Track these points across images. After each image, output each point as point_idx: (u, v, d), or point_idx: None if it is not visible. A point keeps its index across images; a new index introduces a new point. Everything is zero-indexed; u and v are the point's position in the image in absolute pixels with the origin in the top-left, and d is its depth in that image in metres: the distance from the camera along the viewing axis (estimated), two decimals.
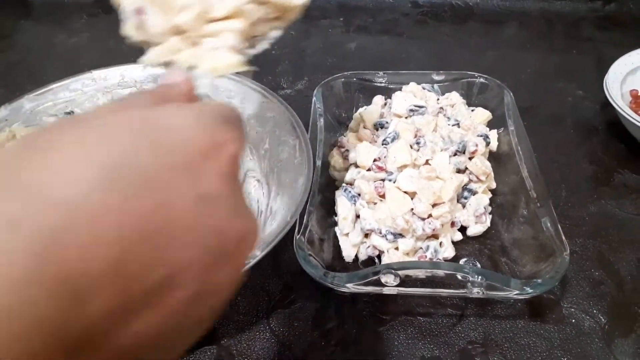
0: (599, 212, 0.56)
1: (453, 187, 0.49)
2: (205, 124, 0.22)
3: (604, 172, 0.61)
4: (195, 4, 0.32)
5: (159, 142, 0.20)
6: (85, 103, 0.63)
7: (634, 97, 0.63)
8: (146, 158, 0.19)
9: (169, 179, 0.19)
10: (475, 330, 0.46)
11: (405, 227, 0.47)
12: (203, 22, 0.33)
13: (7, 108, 0.59)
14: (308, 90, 0.73)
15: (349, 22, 0.88)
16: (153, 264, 0.18)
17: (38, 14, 0.94)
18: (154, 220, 0.18)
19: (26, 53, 0.85)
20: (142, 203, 0.18)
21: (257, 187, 0.56)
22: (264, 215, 0.51)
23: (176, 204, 0.19)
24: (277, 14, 0.37)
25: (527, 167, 0.51)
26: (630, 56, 0.66)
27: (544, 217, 0.46)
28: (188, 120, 0.22)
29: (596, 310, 0.47)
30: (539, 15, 0.88)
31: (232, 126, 0.23)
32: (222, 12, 0.33)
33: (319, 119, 0.57)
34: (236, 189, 0.23)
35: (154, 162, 0.19)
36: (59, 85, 0.62)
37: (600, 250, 0.52)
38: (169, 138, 0.20)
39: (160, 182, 0.19)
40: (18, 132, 0.57)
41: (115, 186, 0.18)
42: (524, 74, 0.76)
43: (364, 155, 0.52)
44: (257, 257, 0.41)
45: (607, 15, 0.88)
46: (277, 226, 0.46)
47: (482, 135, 0.55)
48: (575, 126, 0.67)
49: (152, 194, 0.19)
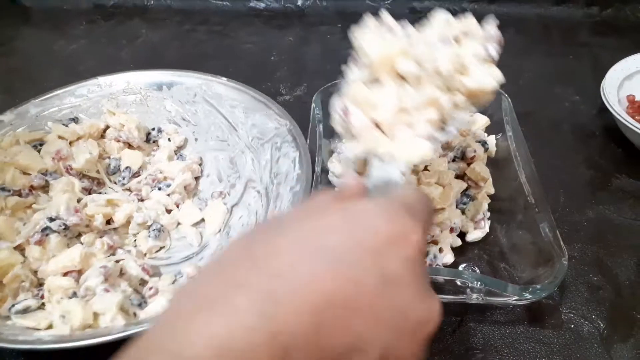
0: (597, 217, 0.56)
1: (453, 193, 0.49)
2: (392, 215, 0.25)
3: (602, 177, 0.61)
4: (394, 100, 0.35)
5: (354, 229, 0.24)
6: (90, 109, 0.63)
7: (630, 103, 0.64)
8: (344, 242, 0.24)
9: (359, 259, 0.23)
10: (474, 336, 0.46)
11: None
12: (400, 115, 0.36)
13: (13, 112, 0.60)
14: (307, 96, 0.73)
15: (347, 28, 0.88)
16: (342, 332, 0.22)
17: (37, 21, 0.94)
18: (346, 293, 0.22)
19: (26, 59, 0.85)
20: (338, 276, 0.22)
21: (257, 198, 0.56)
22: None
23: (364, 282, 0.23)
24: (469, 100, 0.38)
25: (526, 173, 0.51)
26: (627, 61, 0.66)
27: (543, 223, 0.47)
28: (378, 212, 0.25)
29: (595, 315, 0.48)
30: (535, 21, 0.89)
31: (418, 216, 0.26)
32: (418, 105, 0.35)
33: (318, 125, 0.57)
34: (419, 274, 0.25)
35: (351, 245, 0.24)
36: (64, 91, 0.63)
37: (599, 255, 0.53)
38: (362, 226, 0.25)
39: (352, 261, 0.23)
40: (22, 137, 0.57)
41: (321, 260, 0.23)
42: (522, 79, 0.76)
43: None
44: None
45: (603, 20, 0.88)
46: None
47: (481, 141, 0.55)
48: (573, 131, 0.68)
49: (345, 271, 0.23)
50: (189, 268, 0.50)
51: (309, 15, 0.92)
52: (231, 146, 0.61)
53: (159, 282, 0.49)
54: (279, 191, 0.52)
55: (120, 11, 0.93)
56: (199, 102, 0.63)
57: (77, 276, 0.46)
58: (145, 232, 0.53)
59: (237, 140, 0.61)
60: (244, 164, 0.59)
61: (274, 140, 0.56)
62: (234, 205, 0.57)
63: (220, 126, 0.62)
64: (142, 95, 0.64)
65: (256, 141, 0.59)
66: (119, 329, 0.39)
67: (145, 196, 0.57)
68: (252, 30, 0.89)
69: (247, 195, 0.57)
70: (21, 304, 0.44)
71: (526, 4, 0.90)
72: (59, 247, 0.48)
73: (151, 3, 0.95)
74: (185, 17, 0.92)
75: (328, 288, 0.22)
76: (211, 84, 0.63)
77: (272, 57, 0.82)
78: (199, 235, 0.55)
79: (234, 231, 0.54)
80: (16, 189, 0.52)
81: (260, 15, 0.92)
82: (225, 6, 0.94)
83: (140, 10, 0.94)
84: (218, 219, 0.55)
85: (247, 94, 0.61)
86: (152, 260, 0.52)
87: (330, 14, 0.92)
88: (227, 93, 0.62)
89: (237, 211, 0.56)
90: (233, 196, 0.58)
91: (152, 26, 0.90)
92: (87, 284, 0.44)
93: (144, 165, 0.60)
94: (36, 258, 0.47)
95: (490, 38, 0.39)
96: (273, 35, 0.88)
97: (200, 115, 0.63)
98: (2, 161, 0.53)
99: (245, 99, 0.61)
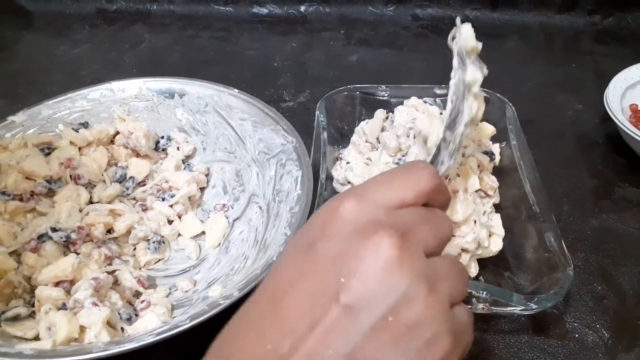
0: (601, 226, 0.56)
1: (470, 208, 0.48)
2: (452, 332, 0.26)
3: (605, 185, 0.61)
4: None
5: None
6: (101, 114, 0.63)
7: (633, 112, 0.64)
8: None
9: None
10: (478, 345, 0.46)
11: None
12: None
13: (25, 113, 0.60)
14: (310, 102, 0.73)
15: (350, 34, 0.89)
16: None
17: (40, 25, 0.94)
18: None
19: (28, 64, 0.85)
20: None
21: (259, 214, 0.55)
22: (258, 246, 0.51)
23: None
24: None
25: (530, 182, 0.51)
26: (630, 71, 0.66)
27: (548, 232, 0.47)
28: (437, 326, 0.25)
29: (599, 325, 0.48)
30: (538, 29, 0.89)
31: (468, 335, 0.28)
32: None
33: (323, 132, 0.57)
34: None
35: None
36: (77, 94, 0.63)
37: (603, 264, 0.53)
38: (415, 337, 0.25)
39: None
40: (30, 139, 0.57)
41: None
42: (525, 87, 0.76)
43: (358, 177, 0.52)
44: (236, 296, 0.41)
45: (605, 29, 0.88)
46: (265, 262, 0.45)
47: (488, 152, 0.55)
48: (576, 140, 0.68)
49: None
50: (184, 282, 0.50)
51: (311, 21, 0.93)
52: (238, 159, 0.61)
53: (153, 295, 0.48)
54: (279, 210, 0.52)
55: (123, 16, 0.94)
56: (210, 112, 0.63)
57: (68, 287, 0.46)
58: (144, 243, 0.53)
59: (244, 154, 0.60)
60: (249, 178, 0.58)
61: (279, 157, 0.56)
62: (236, 219, 0.56)
63: (229, 138, 0.62)
64: (153, 102, 0.64)
65: (262, 156, 0.58)
66: (100, 347, 0.38)
67: (149, 206, 0.57)
68: (255, 36, 0.89)
69: (250, 210, 0.56)
70: (11, 312, 0.43)
71: (529, 12, 0.90)
72: (55, 255, 0.48)
73: (154, 8, 0.95)
74: (188, 23, 0.93)
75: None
76: (222, 94, 0.62)
77: (275, 63, 0.82)
78: (198, 248, 0.54)
79: (233, 246, 0.54)
80: (17, 193, 0.52)
81: (263, 21, 0.93)
82: (228, 12, 0.94)
83: (143, 15, 0.94)
84: (218, 232, 0.55)
85: (257, 107, 0.60)
86: (148, 271, 0.52)
87: (333, 20, 0.92)
88: (237, 105, 0.61)
89: (238, 225, 0.56)
90: (236, 209, 0.57)
91: (154, 31, 0.90)
92: (76, 296, 0.44)
93: (151, 173, 0.60)
94: (30, 265, 0.47)
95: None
96: (276, 41, 0.88)
97: (210, 126, 0.63)
98: (7, 164, 0.53)
99: (255, 113, 0.60)
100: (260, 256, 0.48)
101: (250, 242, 0.52)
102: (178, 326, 0.39)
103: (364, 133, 0.59)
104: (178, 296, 0.49)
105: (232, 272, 0.50)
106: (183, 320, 0.39)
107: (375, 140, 0.58)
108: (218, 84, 0.63)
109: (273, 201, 0.54)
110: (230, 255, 0.53)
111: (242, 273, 0.48)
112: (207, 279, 0.51)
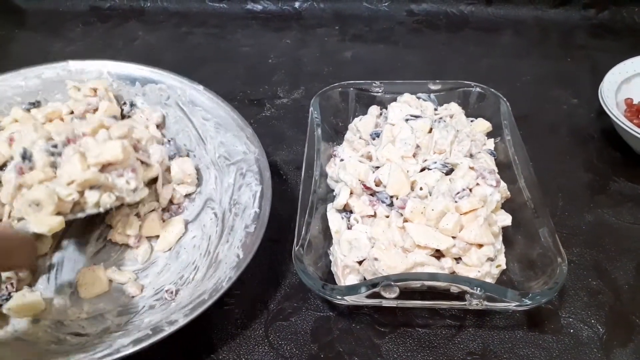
0: (596, 221, 0.56)
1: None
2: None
3: (600, 180, 0.61)
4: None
5: None
6: (56, 95, 0.60)
7: (628, 106, 0.64)
8: None
9: None
10: (474, 341, 0.46)
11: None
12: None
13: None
14: (305, 99, 0.73)
15: (345, 30, 0.89)
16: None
17: (33, 23, 0.93)
18: None
19: (21, 62, 0.84)
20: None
21: (213, 221, 0.53)
22: (210, 258, 0.49)
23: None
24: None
25: (524, 177, 0.51)
26: (625, 65, 0.66)
27: (542, 228, 0.46)
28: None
29: (594, 320, 0.48)
30: (533, 24, 0.89)
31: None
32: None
33: (317, 128, 0.57)
34: None
35: None
36: (30, 71, 0.60)
37: (598, 259, 0.53)
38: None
39: None
40: None
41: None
42: (519, 82, 0.76)
43: (350, 175, 0.51)
44: (181, 323, 0.40)
45: (600, 23, 0.88)
46: (214, 285, 0.44)
47: (490, 151, 0.55)
48: (571, 134, 0.68)
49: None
50: (132, 288, 0.49)
51: (306, 17, 0.92)
52: (197, 158, 0.58)
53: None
54: (234, 224, 0.50)
55: (117, 13, 0.93)
56: (171, 105, 0.60)
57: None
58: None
59: (203, 154, 0.58)
60: (207, 180, 0.57)
61: (240, 165, 0.54)
62: (190, 222, 0.55)
63: (189, 135, 0.59)
64: (113, 88, 0.61)
65: (222, 160, 0.56)
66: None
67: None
68: (249, 32, 0.89)
69: (205, 214, 0.54)
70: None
71: (523, 6, 0.90)
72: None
73: (147, 5, 0.95)
74: (182, 20, 0.92)
75: None
76: (187, 89, 0.59)
77: (270, 59, 0.82)
78: (150, 250, 0.53)
79: (184, 251, 0.52)
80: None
81: (258, 18, 0.92)
82: (222, 8, 0.94)
83: (137, 12, 0.93)
84: (171, 238, 0.53)
85: (223, 108, 0.57)
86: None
87: (328, 16, 0.92)
88: (202, 103, 0.58)
89: (191, 228, 0.54)
90: (191, 211, 0.55)
91: (148, 28, 0.90)
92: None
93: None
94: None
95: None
96: (270, 38, 0.87)
97: (170, 119, 0.60)
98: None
99: (219, 114, 0.57)
100: (210, 273, 0.47)
101: (202, 250, 0.51)
102: (119, 351, 0.39)
103: (357, 130, 0.58)
104: (124, 301, 0.48)
105: (181, 281, 0.49)
106: (125, 344, 0.39)
107: (369, 137, 0.57)
108: (183, 77, 0.61)
109: (229, 211, 0.52)
110: (180, 261, 0.51)
111: (190, 287, 0.47)
112: (154, 286, 0.50)
